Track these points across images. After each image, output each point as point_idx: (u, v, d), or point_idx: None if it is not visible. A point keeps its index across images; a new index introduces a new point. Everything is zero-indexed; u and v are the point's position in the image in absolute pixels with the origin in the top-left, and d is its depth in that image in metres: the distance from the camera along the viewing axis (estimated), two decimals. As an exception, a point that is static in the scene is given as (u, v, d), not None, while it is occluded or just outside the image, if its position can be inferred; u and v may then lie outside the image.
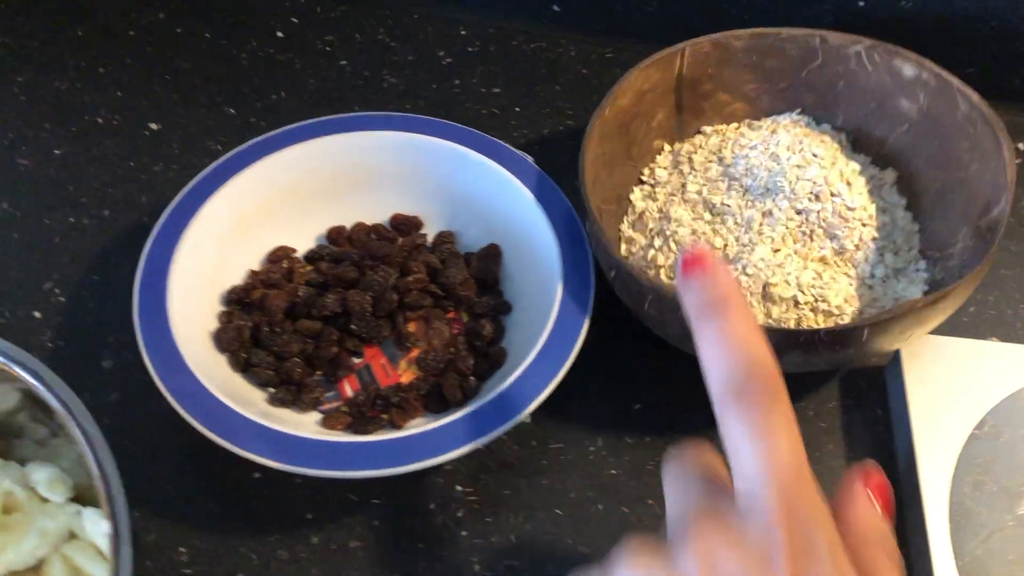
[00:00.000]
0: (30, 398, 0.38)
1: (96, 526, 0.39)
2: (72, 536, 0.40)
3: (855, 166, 0.52)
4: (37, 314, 0.50)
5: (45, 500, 0.40)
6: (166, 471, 0.44)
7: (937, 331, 0.48)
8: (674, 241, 0.50)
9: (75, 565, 0.39)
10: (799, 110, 0.55)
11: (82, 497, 0.41)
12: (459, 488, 0.45)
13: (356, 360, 0.49)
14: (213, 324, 0.47)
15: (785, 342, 0.42)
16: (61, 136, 0.58)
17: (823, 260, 0.49)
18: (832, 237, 0.49)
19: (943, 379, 0.47)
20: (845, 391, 0.48)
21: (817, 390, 0.48)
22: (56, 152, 0.57)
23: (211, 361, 0.45)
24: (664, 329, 0.45)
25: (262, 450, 0.40)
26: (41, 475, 0.40)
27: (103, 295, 0.51)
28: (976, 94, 0.48)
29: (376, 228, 0.53)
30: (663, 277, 0.49)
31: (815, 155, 0.52)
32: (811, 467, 0.25)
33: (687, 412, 0.47)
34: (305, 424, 0.45)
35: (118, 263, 0.52)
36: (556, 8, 0.64)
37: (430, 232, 0.53)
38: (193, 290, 0.47)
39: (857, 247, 0.49)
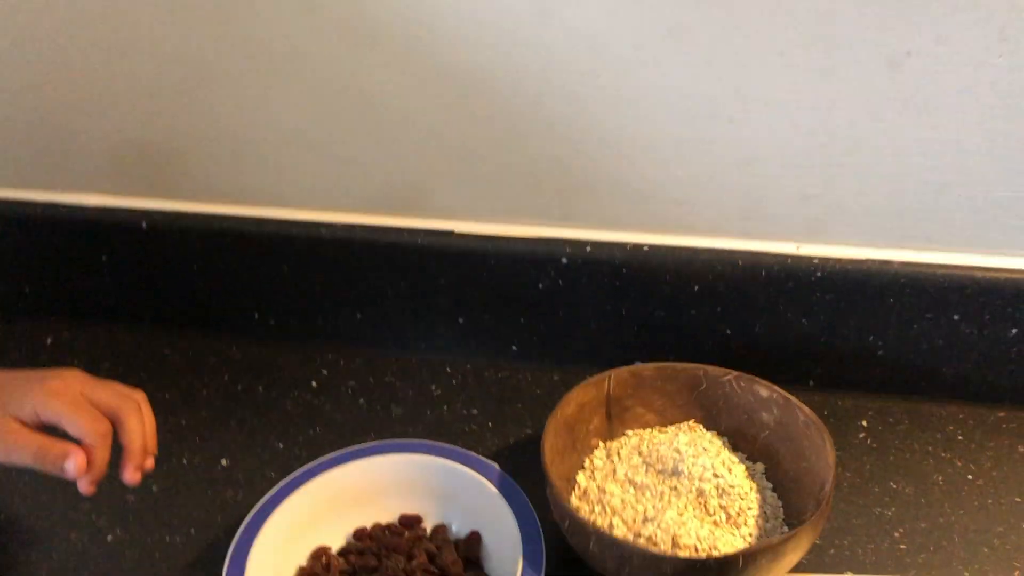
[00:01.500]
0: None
1: None
2: None
3: (734, 458, 0.73)
4: (144, 613, 0.68)
5: None
6: None
7: (806, 569, 0.66)
8: (609, 506, 0.69)
9: None
10: (693, 419, 0.77)
11: None
12: None
13: (380, 627, 0.66)
14: (275, 610, 0.66)
15: (685, 569, 0.60)
16: (156, 476, 0.79)
17: (715, 523, 0.68)
18: (720, 507, 0.69)
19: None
20: (738, 621, 0.66)
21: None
22: (154, 488, 0.78)
23: (275, 636, 0.63)
24: (604, 564, 0.64)
25: None
26: None
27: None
28: (807, 408, 0.70)
29: (389, 525, 0.73)
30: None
31: (705, 448, 0.72)
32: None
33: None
34: None
35: (202, 570, 0.71)
36: (515, 348, 0.88)
37: (428, 525, 0.73)
38: (260, 585, 0.65)
39: (739, 514, 0.68)
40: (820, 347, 0.82)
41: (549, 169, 0.79)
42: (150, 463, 0.65)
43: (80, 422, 0.61)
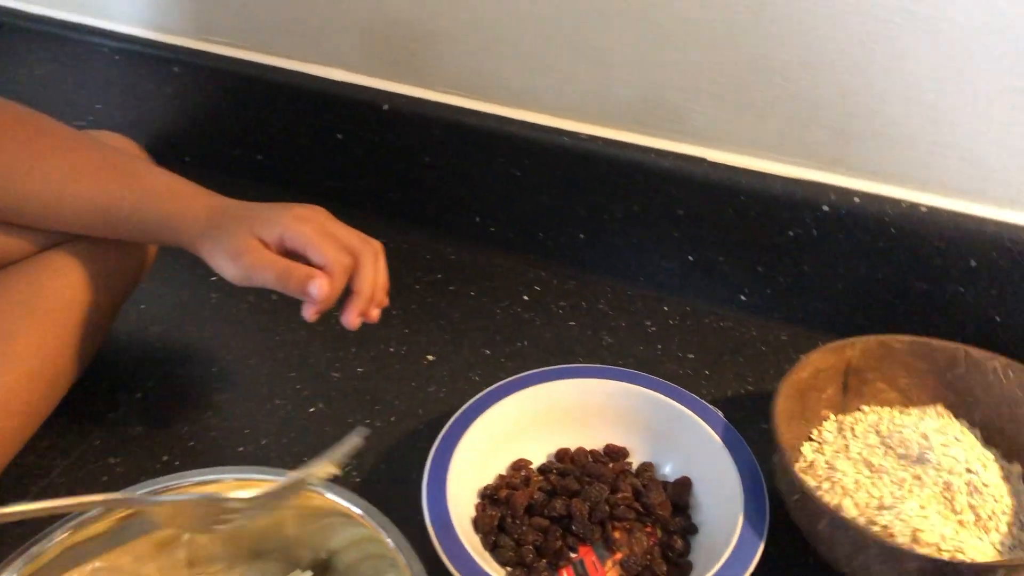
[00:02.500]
0: (365, 540, 0.54)
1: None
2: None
3: (989, 454, 0.64)
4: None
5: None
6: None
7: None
8: (840, 486, 0.62)
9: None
10: (942, 404, 0.69)
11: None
12: (649, 667, 0.56)
13: (573, 555, 0.63)
14: (472, 512, 0.63)
15: (935, 570, 0.53)
16: (363, 358, 0.78)
17: (961, 523, 0.60)
18: (970, 506, 0.60)
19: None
20: (977, 636, 0.58)
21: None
22: (359, 370, 0.77)
23: (470, 539, 0.60)
24: (834, 549, 0.57)
25: (511, 607, 0.54)
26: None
27: (387, 480, 0.68)
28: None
29: (593, 452, 0.68)
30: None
31: (957, 439, 0.64)
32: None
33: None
34: (532, 599, 0.59)
35: (399, 457, 0.69)
36: (743, 298, 0.82)
37: (635, 461, 0.68)
38: (461, 485, 0.63)
39: (990, 517, 0.60)
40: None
41: (828, 104, 0.71)
42: (375, 314, 0.63)
43: (325, 250, 0.60)
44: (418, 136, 0.86)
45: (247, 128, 0.94)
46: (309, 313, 0.59)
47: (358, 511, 0.52)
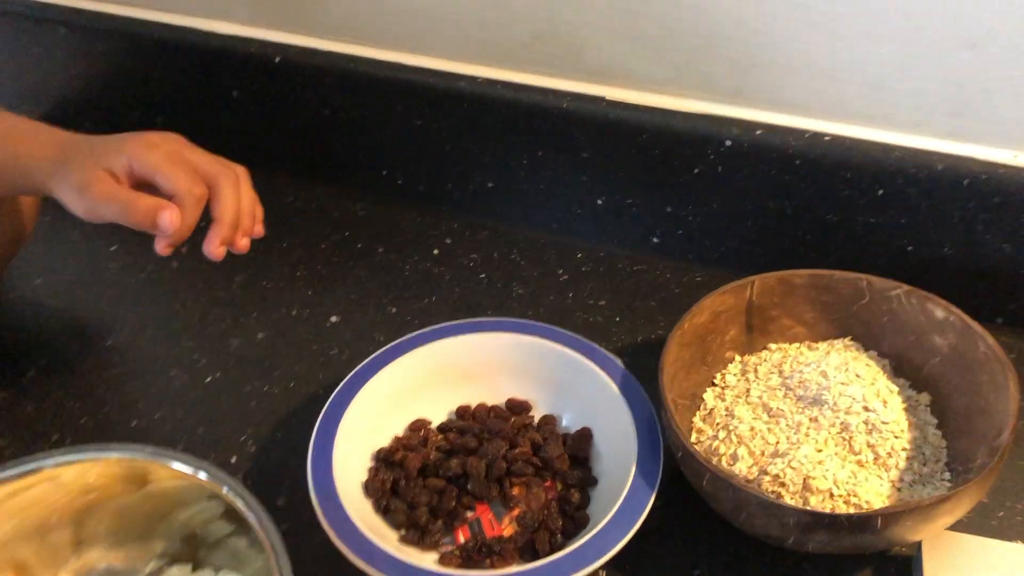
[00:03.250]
0: (230, 513, 0.52)
1: (266, 621, 0.51)
2: (245, 629, 0.53)
3: (894, 387, 0.62)
4: (233, 459, 0.65)
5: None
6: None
7: (966, 528, 0.56)
8: (735, 435, 0.60)
9: (246, 651, 0.51)
10: (850, 337, 0.66)
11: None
12: (542, 625, 0.55)
13: (469, 514, 0.61)
14: (363, 475, 0.61)
15: (814, 523, 0.52)
16: (264, 323, 0.76)
17: (859, 463, 0.58)
18: (868, 444, 0.59)
19: (963, 573, 0.54)
20: (876, 574, 0.57)
21: (852, 572, 0.57)
22: (259, 336, 0.75)
23: (359, 504, 0.58)
24: (718, 504, 0.56)
25: (393, 575, 0.52)
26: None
27: (284, 448, 0.66)
28: (991, 337, 0.59)
29: (494, 408, 0.66)
30: (723, 463, 0.59)
31: (858, 375, 0.62)
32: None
33: (736, 580, 0.57)
34: (425, 562, 0.57)
35: (297, 424, 0.67)
36: (656, 240, 0.79)
37: (537, 414, 0.66)
38: (352, 448, 0.61)
39: (889, 455, 0.58)
40: (1020, 279, 0.69)
41: (724, 33, 0.67)
42: (243, 243, 0.60)
43: (176, 178, 0.56)
44: (314, 88, 0.82)
45: (143, 89, 0.90)
46: (161, 247, 0.56)
47: (212, 480, 0.50)
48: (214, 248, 0.58)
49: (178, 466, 0.50)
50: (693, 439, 0.62)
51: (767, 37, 0.66)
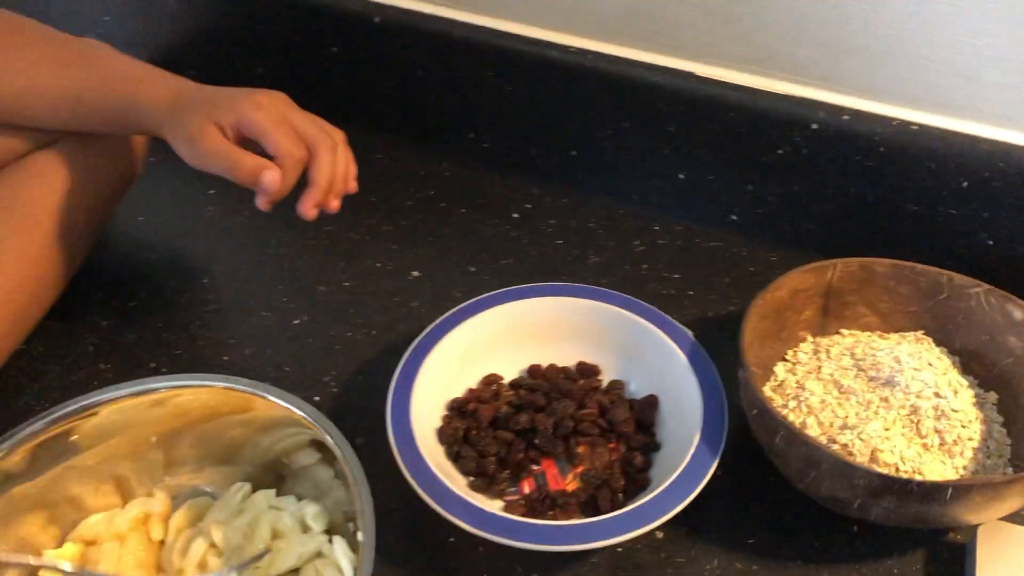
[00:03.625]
0: (316, 445, 0.55)
1: (341, 550, 0.55)
2: (320, 555, 0.57)
3: (963, 381, 0.63)
4: (316, 398, 0.69)
5: (305, 529, 0.58)
6: (393, 524, 0.60)
7: (1018, 521, 0.57)
8: (806, 405, 0.62)
9: (321, 574, 0.55)
10: (922, 331, 0.67)
11: (331, 529, 0.58)
12: (599, 576, 0.58)
13: (535, 467, 0.64)
14: (438, 423, 0.65)
15: (884, 486, 0.53)
16: (350, 272, 0.79)
17: (924, 446, 0.59)
18: (935, 430, 0.60)
19: (1014, 565, 0.55)
20: (930, 559, 0.58)
21: (904, 554, 0.58)
22: (345, 284, 0.78)
23: (433, 449, 0.62)
24: (787, 463, 0.58)
25: (463, 516, 0.55)
26: (311, 509, 0.58)
27: (363, 390, 0.69)
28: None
29: (564, 369, 0.69)
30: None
31: (930, 364, 0.63)
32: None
33: (788, 551, 0.58)
34: (492, 508, 0.60)
35: (376, 369, 0.70)
36: (734, 217, 0.80)
37: (605, 378, 0.69)
38: (428, 396, 0.64)
39: (955, 442, 0.59)
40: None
41: (818, 17, 0.68)
42: (335, 204, 0.64)
43: (280, 140, 0.60)
44: (409, 49, 0.85)
45: (246, 41, 0.94)
46: (261, 203, 0.60)
47: (305, 416, 0.54)
48: (307, 209, 0.61)
49: (275, 399, 0.54)
50: (762, 408, 0.64)
51: (861, 23, 0.67)
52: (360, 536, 0.48)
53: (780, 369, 0.67)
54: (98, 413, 0.55)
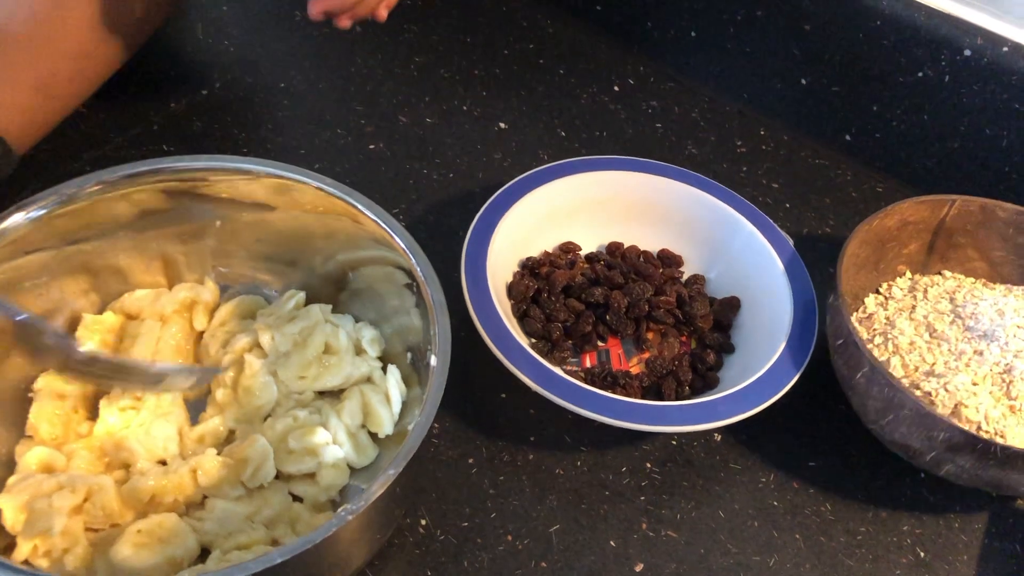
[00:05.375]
0: (391, 266, 0.52)
1: (395, 379, 0.52)
2: (369, 380, 0.54)
3: (1069, 346, 0.59)
4: (381, 228, 0.65)
5: (358, 352, 0.55)
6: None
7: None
8: (893, 343, 0.58)
9: (367, 401, 0.52)
10: (1033, 288, 0.63)
11: (384, 358, 0.55)
12: (649, 465, 0.55)
13: (600, 344, 0.60)
14: (509, 278, 0.61)
15: (965, 443, 0.50)
16: (434, 109, 0.74)
17: (1012, 408, 0.56)
18: (1028, 392, 0.56)
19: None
20: (993, 522, 0.55)
21: (970, 512, 0.55)
22: (428, 120, 0.74)
23: (502, 302, 0.58)
24: (865, 401, 0.54)
25: (527, 371, 0.52)
26: (368, 333, 0.55)
27: (431, 230, 0.65)
28: None
29: (646, 253, 0.65)
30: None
31: (1036, 324, 0.59)
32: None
33: (849, 483, 0.56)
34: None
35: (450, 211, 0.67)
36: (848, 137, 0.75)
37: (686, 271, 0.65)
38: (504, 250, 0.60)
39: (1046, 409, 0.56)
40: None
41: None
42: (344, 21, 0.63)
43: None
44: None
45: None
46: (314, 11, 0.61)
47: (392, 234, 0.50)
48: (313, 9, 0.61)
49: (366, 211, 0.50)
50: (846, 337, 0.60)
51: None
52: (433, 361, 0.45)
53: (871, 301, 0.63)
54: (165, 182, 0.52)
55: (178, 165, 0.51)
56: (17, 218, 0.47)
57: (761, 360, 0.56)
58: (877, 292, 0.64)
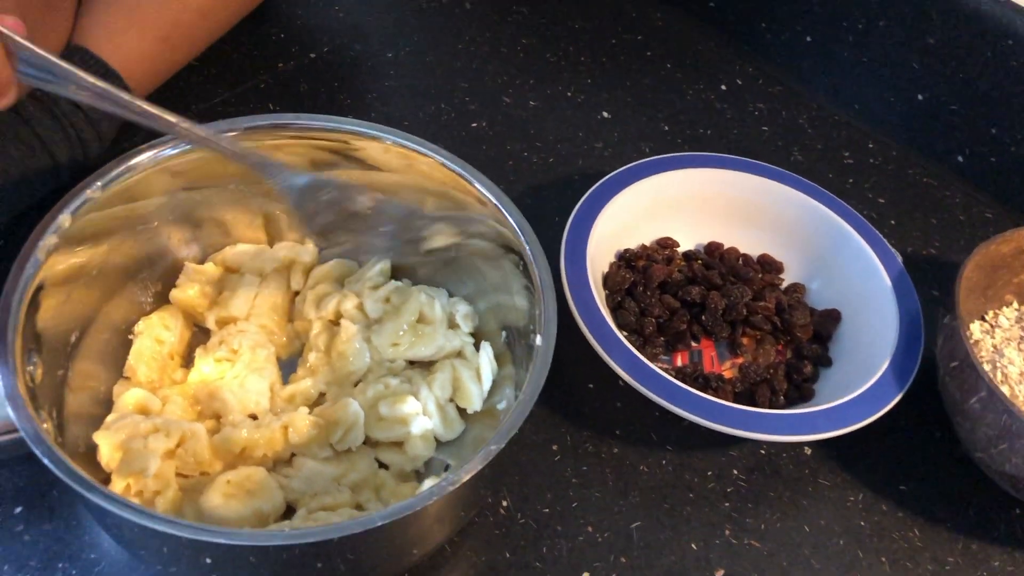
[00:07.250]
0: (496, 244, 0.51)
1: (487, 356, 0.51)
2: (460, 355, 0.53)
3: None
4: (478, 206, 0.65)
5: (451, 326, 0.54)
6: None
7: None
8: (1002, 372, 0.56)
9: (458, 375, 0.52)
10: None
11: (477, 335, 0.54)
12: (736, 472, 0.54)
13: (694, 344, 0.59)
14: (606, 268, 0.60)
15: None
16: (538, 92, 0.74)
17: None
18: None
19: None
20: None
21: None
22: (531, 103, 0.73)
23: (597, 290, 0.57)
24: (975, 429, 0.52)
25: (623, 364, 0.51)
26: (463, 308, 0.54)
27: (529, 213, 0.64)
28: None
29: (745, 257, 0.64)
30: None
31: None
32: None
33: (940, 511, 0.54)
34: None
35: (546, 196, 0.66)
36: (960, 159, 0.73)
37: (787, 280, 0.63)
38: (603, 238, 0.59)
39: None
40: None
41: None
42: None
43: None
44: None
45: None
46: None
47: (506, 213, 0.50)
48: None
49: (482, 188, 0.50)
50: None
51: None
52: (538, 340, 0.44)
53: (976, 327, 0.60)
54: (309, 139, 0.52)
55: (312, 124, 0.51)
56: (146, 156, 0.47)
57: (861, 376, 0.54)
58: (983, 319, 0.61)
